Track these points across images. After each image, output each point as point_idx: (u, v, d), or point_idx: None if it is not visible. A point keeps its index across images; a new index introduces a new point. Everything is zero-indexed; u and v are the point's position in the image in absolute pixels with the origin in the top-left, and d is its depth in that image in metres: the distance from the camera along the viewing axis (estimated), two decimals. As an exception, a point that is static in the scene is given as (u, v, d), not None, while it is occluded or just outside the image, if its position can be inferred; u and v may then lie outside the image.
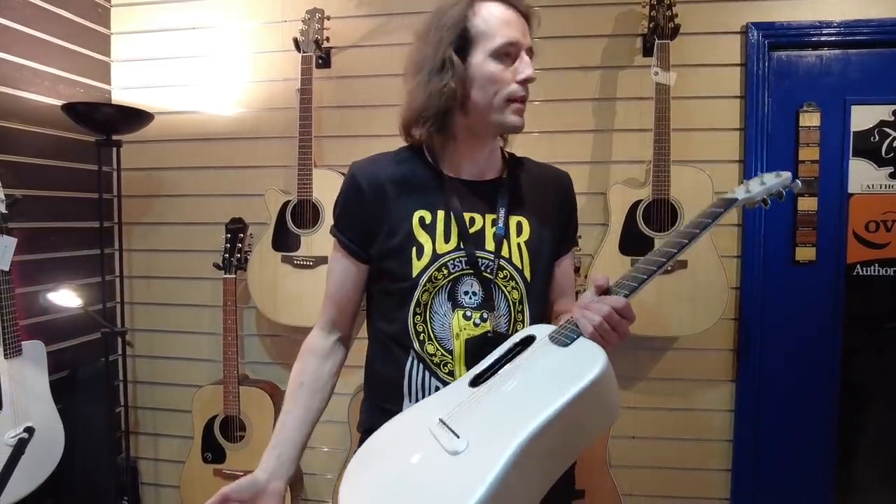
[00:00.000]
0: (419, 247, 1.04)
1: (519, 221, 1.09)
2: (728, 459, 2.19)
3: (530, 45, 1.03)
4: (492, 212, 1.08)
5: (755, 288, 2.13)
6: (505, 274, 1.06)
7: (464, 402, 0.90)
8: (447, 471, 0.77)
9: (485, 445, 0.77)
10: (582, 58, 2.18)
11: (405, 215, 1.06)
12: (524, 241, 1.08)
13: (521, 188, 1.12)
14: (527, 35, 1.03)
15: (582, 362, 0.82)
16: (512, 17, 1.01)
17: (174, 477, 2.42)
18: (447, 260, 1.04)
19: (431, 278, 1.04)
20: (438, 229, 1.05)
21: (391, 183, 1.07)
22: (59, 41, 2.22)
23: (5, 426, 1.75)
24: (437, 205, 1.06)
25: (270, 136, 2.34)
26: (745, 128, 2.11)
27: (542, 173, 1.18)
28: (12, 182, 1.93)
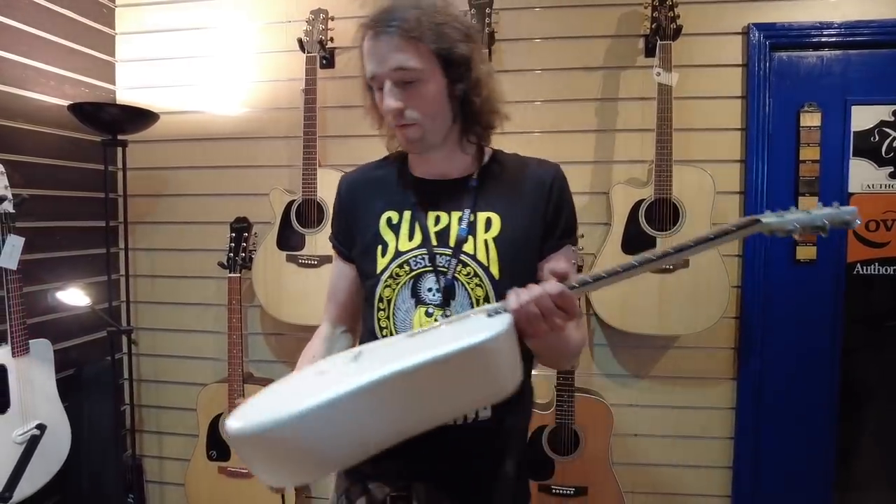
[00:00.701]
0: (384, 245, 1.09)
1: (489, 217, 1.07)
2: (729, 457, 2.20)
3: (394, 68, 0.97)
4: (457, 209, 1.08)
5: (756, 287, 2.15)
6: (469, 271, 1.05)
7: (385, 345, 0.94)
8: (318, 385, 0.79)
9: (357, 373, 0.78)
10: (585, 58, 2.19)
11: (374, 216, 1.11)
12: (493, 237, 1.06)
13: (493, 184, 1.10)
14: (385, 61, 0.97)
15: (476, 330, 0.79)
16: (371, 48, 0.99)
17: (179, 475, 2.43)
18: (409, 257, 1.07)
19: (393, 274, 1.07)
20: (403, 228, 1.09)
21: (365, 188, 1.15)
22: (64, 41, 2.23)
23: (14, 424, 1.77)
24: (404, 205, 1.10)
25: (275, 136, 2.36)
26: (746, 128, 2.12)
27: (524, 168, 1.13)
28: (19, 181, 1.94)
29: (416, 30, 0.96)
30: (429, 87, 0.99)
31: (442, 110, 1.02)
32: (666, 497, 2.23)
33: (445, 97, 1.02)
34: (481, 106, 1.04)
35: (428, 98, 1.00)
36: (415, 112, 1.00)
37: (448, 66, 1.00)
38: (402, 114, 1.00)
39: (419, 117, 1.00)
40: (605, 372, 2.24)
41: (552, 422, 2.01)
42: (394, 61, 0.97)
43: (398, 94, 0.99)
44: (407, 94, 0.99)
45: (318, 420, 0.72)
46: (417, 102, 0.99)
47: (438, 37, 0.97)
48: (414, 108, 1.00)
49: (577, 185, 2.17)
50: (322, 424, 0.72)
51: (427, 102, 1.00)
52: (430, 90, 0.99)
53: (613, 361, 2.23)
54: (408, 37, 0.96)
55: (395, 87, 0.99)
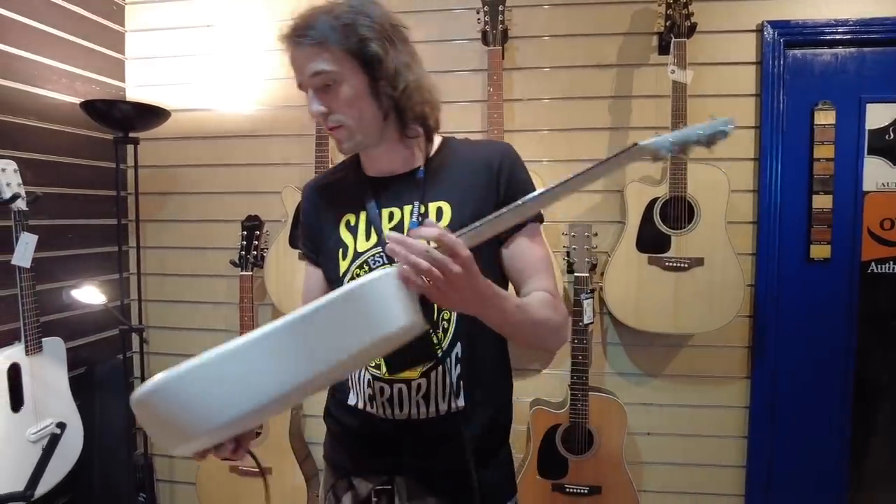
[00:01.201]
0: (344, 247, 1.10)
1: (439, 207, 1.07)
2: (743, 456, 2.20)
3: (310, 75, 0.98)
4: (408, 203, 1.08)
5: (770, 285, 2.14)
6: None
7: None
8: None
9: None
10: (597, 55, 2.19)
11: (335, 221, 1.13)
12: (445, 226, 1.03)
13: (442, 173, 1.09)
14: (302, 70, 0.99)
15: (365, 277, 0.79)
16: (291, 59, 1.01)
17: (189, 474, 2.43)
18: (367, 257, 1.08)
19: (354, 275, 1.08)
20: (360, 228, 1.10)
21: (324, 194, 1.18)
22: (75, 39, 2.22)
23: (27, 422, 1.76)
24: (359, 206, 1.11)
25: (286, 134, 2.35)
26: (760, 126, 2.12)
27: (473, 151, 1.11)
28: (31, 179, 1.93)
29: (323, 34, 0.96)
30: (347, 88, 0.99)
31: (367, 109, 1.01)
32: (679, 496, 2.22)
33: (368, 95, 1.01)
34: (403, 99, 1.03)
35: (349, 99, 1.00)
36: (338, 114, 1.00)
37: (365, 65, 0.99)
38: (329, 117, 1.01)
39: (343, 119, 1.01)
40: (619, 371, 2.23)
41: (566, 421, 2.00)
42: (308, 69, 0.98)
43: (321, 98, 1.00)
44: (328, 97, 1.00)
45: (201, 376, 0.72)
46: (339, 104, 1.00)
47: (345, 37, 0.97)
48: (337, 111, 1.00)
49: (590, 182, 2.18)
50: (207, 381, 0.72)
51: (348, 103, 1.00)
52: (348, 91, 0.99)
53: (627, 360, 2.23)
54: (316, 43, 0.96)
55: (317, 93, 1.00)
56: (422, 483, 1.07)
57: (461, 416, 1.06)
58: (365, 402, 1.09)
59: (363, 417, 1.09)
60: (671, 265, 2.00)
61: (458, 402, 1.06)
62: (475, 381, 1.08)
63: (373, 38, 0.98)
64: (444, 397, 1.06)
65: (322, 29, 0.96)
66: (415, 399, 1.06)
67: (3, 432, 1.67)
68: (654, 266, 2.01)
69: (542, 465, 2.02)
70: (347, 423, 1.13)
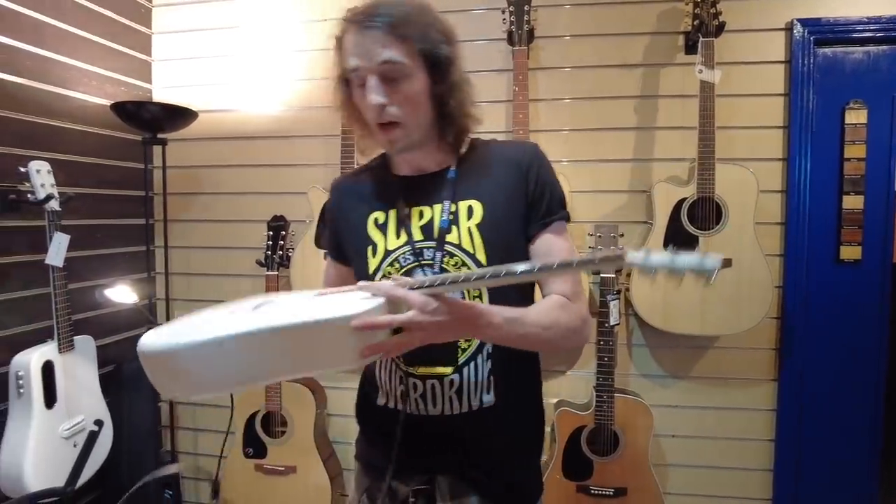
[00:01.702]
0: (373, 245, 1.11)
1: (470, 205, 1.07)
2: (770, 459, 2.17)
3: (381, 62, 0.96)
4: (438, 201, 1.09)
5: (799, 287, 2.11)
6: (456, 261, 1.06)
7: (289, 298, 1.01)
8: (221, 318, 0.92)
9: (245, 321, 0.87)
10: (623, 55, 2.17)
11: (362, 219, 1.14)
12: (476, 224, 1.06)
13: (472, 172, 1.10)
14: (372, 55, 0.96)
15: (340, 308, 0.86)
16: (356, 42, 0.98)
17: (214, 471, 2.45)
18: (398, 255, 1.09)
19: (385, 273, 1.09)
20: (390, 227, 1.11)
21: (352, 194, 1.18)
22: (104, 41, 2.26)
23: (60, 419, 1.79)
24: (388, 204, 1.12)
25: (312, 135, 2.36)
26: (789, 125, 2.09)
27: (502, 152, 1.13)
28: (63, 180, 1.96)
29: (405, 27, 0.96)
30: (412, 85, 0.99)
31: (423, 109, 1.02)
32: (706, 499, 2.20)
33: (427, 97, 1.02)
34: (457, 108, 1.04)
35: (411, 95, 0.99)
36: (397, 109, 0.99)
37: (431, 66, 1.00)
38: (385, 110, 0.99)
39: (401, 114, 1.00)
40: (644, 372, 2.21)
41: (591, 422, 2.00)
42: (381, 55, 0.96)
43: (383, 89, 0.98)
44: (391, 90, 0.98)
45: (201, 352, 0.84)
46: (400, 99, 0.99)
47: (424, 36, 0.97)
48: (397, 105, 0.99)
49: (615, 183, 2.18)
50: (203, 357, 0.84)
51: (410, 100, 1.00)
52: (413, 88, 0.99)
53: (653, 362, 2.21)
54: (396, 33, 0.95)
55: (380, 83, 0.98)
56: (464, 481, 1.07)
57: (491, 411, 1.07)
58: (397, 399, 1.10)
59: (396, 417, 1.10)
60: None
61: (488, 397, 1.07)
62: (505, 377, 1.09)
63: (444, 44, 1.00)
64: (475, 393, 1.07)
65: (404, 21, 0.96)
66: (448, 394, 1.07)
67: (38, 428, 1.71)
68: (681, 267, 1.99)
69: (566, 466, 2.01)
70: (381, 423, 1.13)
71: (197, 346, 0.83)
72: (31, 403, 1.71)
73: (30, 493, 1.54)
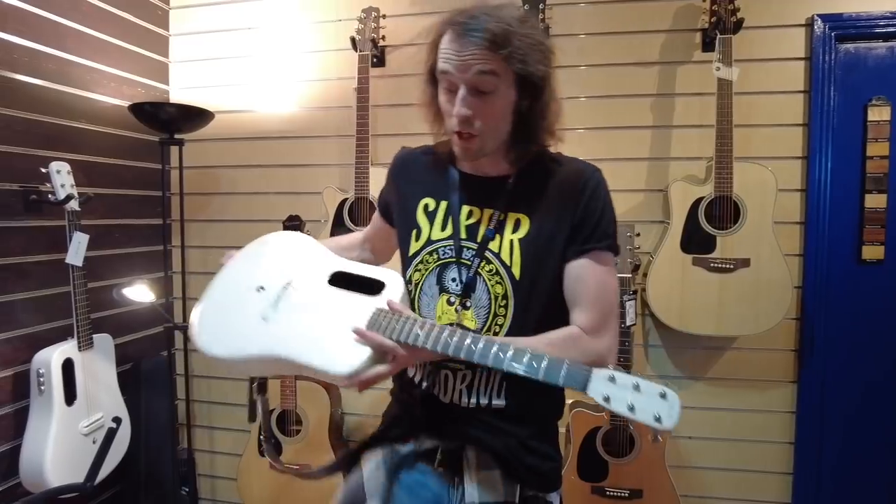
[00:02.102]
0: (418, 230, 1.15)
1: (518, 218, 1.09)
2: (789, 463, 2.14)
3: (475, 74, 0.96)
4: (490, 207, 1.10)
5: (819, 287, 2.08)
6: (491, 268, 1.08)
7: (307, 293, 1.10)
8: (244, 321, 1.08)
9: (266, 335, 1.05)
10: (640, 53, 2.15)
11: (413, 200, 1.17)
12: (519, 237, 1.07)
13: (528, 186, 1.10)
14: (468, 66, 0.96)
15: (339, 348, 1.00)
16: (454, 48, 0.97)
17: (229, 469, 2.47)
18: (439, 246, 1.12)
19: (423, 260, 1.13)
20: (438, 217, 1.14)
21: (412, 170, 1.21)
22: (122, 43, 2.28)
23: (80, 415, 1.82)
24: (442, 195, 1.15)
25: (326, 135, 2.38)
26: (809, 123, 2.06)
27: (561, 171, 1.11)
28: (82, 180, 1.99)
29: (506, 46, 0.96)
30: (501, 100, 1.01)
31: (506, 126, 1.04)
32: (722, 501, 2.18)
33: (512, 111, 1.03)
34: (537, 127, 1.05)
35: (497, 111, 1.01)
36: (481, 123, 1.01)
37: (523, 84, 1.00)
38: (470, 122, 1.01)
39: (483, 128, 1.02)
40: (661, 373, 2.19)
41: (606, 423, 1.98)
42: (476, 69, 0.97)
43: (471, 102, 0.99)
44: (479, 102, 1.00)
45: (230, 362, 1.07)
46: (486, 114, 1.01)
47: (523, 57, 0.97)
48: (481, 119, 1.01)
49: (632, 182, 2.16)
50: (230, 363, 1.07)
51: (495, 115, 1.02)
52: (501, 103, 1.01)
53: (669, 363, 2.19)
54: (496, 49, 0.95)
55: (469, 95, 0.99)
56: (489, 455, 1.09)
57: (499, 412, 1.09)
58: (423, 378, 1.14)
59: (425, 393, 1.14)
60: (716, 266, 1.96)
61: (498, 401, 1.09)
62: (519, 386, 1.08)
63: (540, 70, 0.99)
64: (485, 392, 1.09)
65: (505, 40, 0.95)
66: (458, 387, 1.10)
67: (59, 425, 1.73)
68: (698, 267, 1.97)
69: (581, 467, 2.00)
70: (414, 394, 1.16)
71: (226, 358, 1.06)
72: (51, 400, 1.74)
73: (51, 488, 1.56)
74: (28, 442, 1.74)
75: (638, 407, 0.80)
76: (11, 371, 1.81)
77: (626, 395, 0.81)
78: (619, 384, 0.82)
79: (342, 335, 1.00)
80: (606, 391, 0.82)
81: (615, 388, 0.82)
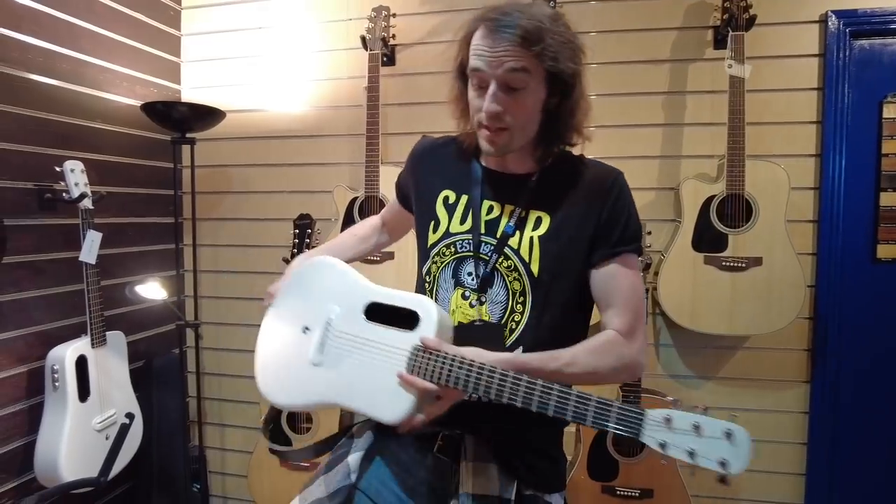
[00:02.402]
0: (436, 221, 1.15)
1: (539, 216, 1.09)
2: (802, 463, 2.12)
3: (507, 71, 0.97)
4: (511, 203, 1.10)
5: (832, 286, 2.06)
6: (510, 264, 1.08)
7: (348, 332, 1.09)
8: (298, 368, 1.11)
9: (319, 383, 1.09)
10: (651, 51, 2.14)
11: (433, 191, 1.17)
12: (539, 235, 1.07)
13: (551, 184, 1.10)
14: (500, 63, 0.97)
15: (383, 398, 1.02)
16: (487, 45, 0.98)
17: (240, 466, 2.49)
18: (457, 240, 1.12)
19: (440, 252, 1.13)
20: (458, 210, 1.13)
21: (433, 160, 1.21)
22: (135, 43, 2.30)
23: (93, 412, 1.83)
24: (462, 188, 1.14)
25: (337, 134, 2.38)
26: (822, 120, 2.04)
27: (586, 171, 1.11)
28: (95, 179, 2.01)
29: (538, 43, 0.96)
30: (531, 97, 1.01)
31: (535, 122, 1.05)
32: (734, 502, 2.16)
33: (540, 109, 1.03)
34: (566, 125, 1.06)
35: (527, 108, 1.02)
36: (511, 119, 1.01)
37: (553, 82, 1.01)
38: (500, 118, 1.01)
39: (513, 123, 1.02)
40: (672, 373, 2.18)
41: (617, 422, 1.97)
42: (508, 65, 0.98)
43: (501, 98, 1.00)
44: (509, 99, 1.00)
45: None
46: (516, 110, 1.01)
47: (555, 54, 0.97)
48: (511, 115, 1.01)
49: (643, 180, 2.14)
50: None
51: (525, 112, 1.02)
52: (531, 100, 1.01)
53: (680, 362, 2.18)
54: (528, 46, 0.96)
55: (500, 91, 1.00)
56: (487, 448, 1.08)
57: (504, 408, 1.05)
58: None
59: None
60: (728, 265, 1.94)
61: None
62: None
63: (570, 68, 0.99)
64: None
65: (538, 38, 0.96)
66: None
67: (73, 420, 1.75)
68: (710, 266, 1.95)
69: (592, 466, 1.99)
70: None
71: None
72: (65, 396, 1.76)
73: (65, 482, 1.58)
74: (43, 437, 1.76)
75: (700, 452, 0.72)
76: (26, 367, 1.83)
77: (685, 440, 0.73)
78: (677, 427, 0.74)
79: (386, 380, 1.01)
80: (662, 437, 0.75)
81: (671, 434, 0.74)
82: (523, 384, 0.91)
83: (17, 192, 1.81)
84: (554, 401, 0.88)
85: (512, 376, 0.92)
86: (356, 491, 1.12)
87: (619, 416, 0.83)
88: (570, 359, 1.00)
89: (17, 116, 1.81)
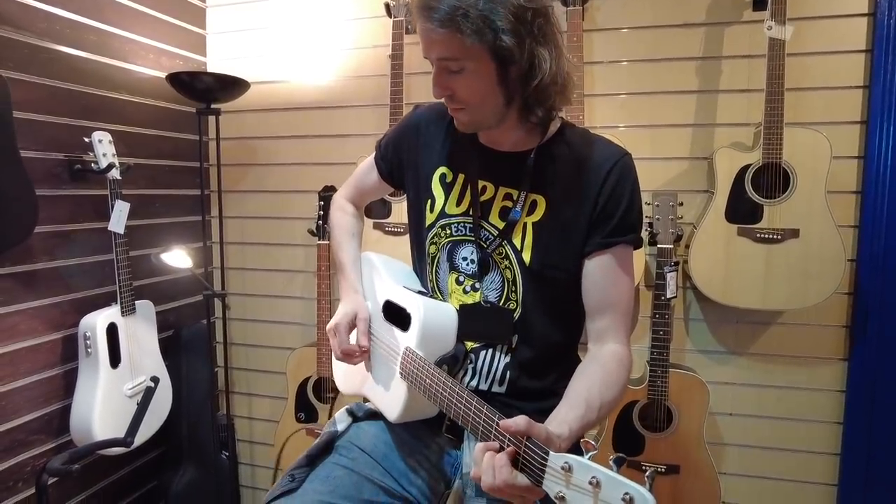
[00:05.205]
0: (433, 200, 1.12)
1: (534, 200, 1.04)
2: (837, 443, 2.06)
3: (436, 58, 0.96)
4: (505, 185, 1.06)
5: (875, 260, 1.96)
6: (502, 251, 1.04)
7: (374, 331, 1.19)
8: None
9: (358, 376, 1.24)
10: (685, 14, 2.04)
11: (430, 166, 1.14)
12: (533, 221, 1.03)
13: (550, 164, 1.05)
14: (429, 49, 0.96)
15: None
16: (419, 30, 0.97)
17: (267, 435, 2.53)
18: (453, 222, 1.10)
19: (437, 234, 1.11)
20: (455, 190, 1.10)
21: (432, 132, 1.16)
22: (160, 15, 2.30)
23: (124, 378, 1.88)
24: (460, 167, 1.11)
25: (361, 105, 2.36)
26: (870, 85, 1.93)
27: (586, 151, 1.04)
28: (123, 150, 2.03)
29: (454, 22, 0.90)
30: (473, 78, 0.96)
31: (490, 98, 0.99)
32: (764, 480, 2.11)
33: (495, 83, 0.97)
34: (534, 93, 0.98)
35: (473, 86, 0.97)
36: (463, 98, 0.99)
37: (497, 57, 0.94)
38: (452, 98, 1.00)
39: (468, 103, 0.99)
40: (701, 348, 2.13)
41: (644, 397, 1.94)
42: (435, 51, 0.96)
43: (444, 81, 0.98)
44: (452, 81, 0.97)
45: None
46: (462, 89, 0.98)
47: (478, 28, 0.91)
48: (462, 95, 0.98)
49: (675, 149, 2.07)
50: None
51: (472, 90, 0.97)
52: (474, 80, 0.96)
53: (710, 337, 2.12)
54: (450, 27, 0.91)
55: (441, 73, 0.97)
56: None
57: (498, 396, 1.08)
58: None
59: None
60: (763, 237, 1.87)
61: (499, 388, 1.08)
62: (522, 378, 1.08)
63: (508, 31, 0.91)
64: (486, 378, 1.08)
65: (453, 16, 0.90)
66: (465, 366, 1.09)
67: (105, 386, 1.80)
68: (743, 238, 1.88)
69: (617, 441, 1.97)
70: None
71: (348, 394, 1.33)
72: (97, 362, 1.80)
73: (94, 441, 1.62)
74: (77, 401, 1.81)
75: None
76: (61, 334, 1.88)
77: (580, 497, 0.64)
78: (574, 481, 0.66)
79: (387, 379, 1.12)
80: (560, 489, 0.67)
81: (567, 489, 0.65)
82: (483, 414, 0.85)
83: (48, 163, 1.83)
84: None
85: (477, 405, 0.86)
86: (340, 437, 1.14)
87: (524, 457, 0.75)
88: (598, 402, 0.92)
89: (48, 87, 1.83)
